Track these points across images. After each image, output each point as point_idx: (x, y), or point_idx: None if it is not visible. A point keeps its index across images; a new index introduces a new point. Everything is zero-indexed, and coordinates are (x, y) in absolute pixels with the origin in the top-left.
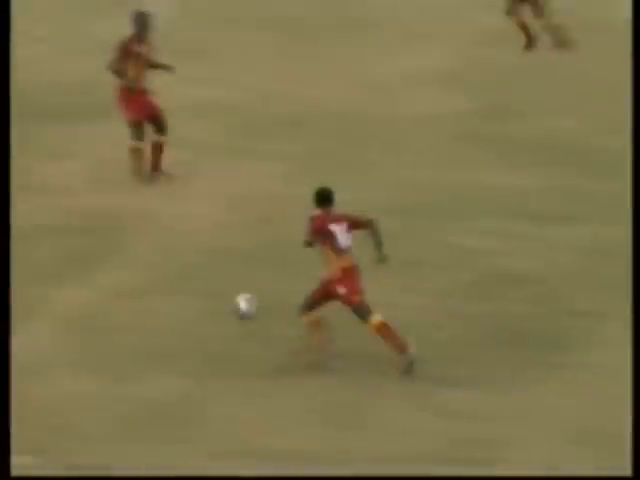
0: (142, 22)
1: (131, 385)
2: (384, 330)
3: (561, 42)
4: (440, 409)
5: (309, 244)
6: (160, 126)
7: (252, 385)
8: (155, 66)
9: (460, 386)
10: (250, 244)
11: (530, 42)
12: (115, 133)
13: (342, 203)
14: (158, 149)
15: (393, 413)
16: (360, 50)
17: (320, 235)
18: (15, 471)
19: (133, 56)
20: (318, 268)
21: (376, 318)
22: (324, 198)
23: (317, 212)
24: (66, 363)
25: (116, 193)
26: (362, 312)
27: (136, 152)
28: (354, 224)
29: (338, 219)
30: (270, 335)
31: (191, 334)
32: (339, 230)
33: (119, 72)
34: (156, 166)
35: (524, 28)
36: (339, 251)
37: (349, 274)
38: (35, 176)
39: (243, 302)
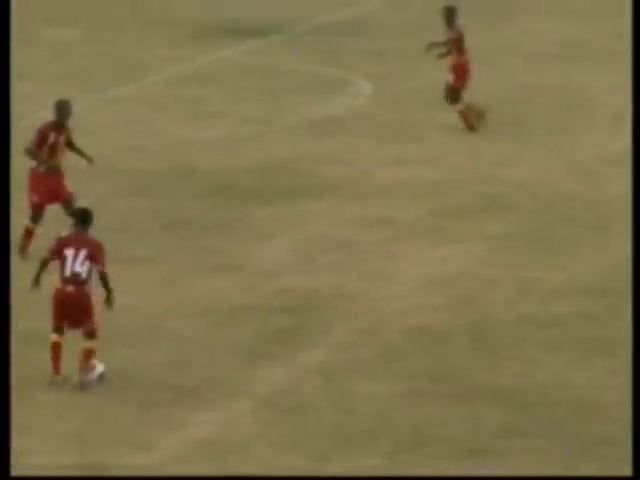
0: (62, 110)
1: (329, 464)
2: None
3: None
4: None
5: (45, 262)
6: (69, 208)
7: (449, 466)
8: (77, 153)
9: None
10: (451, 325)
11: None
12: (324, 213)
13: (541, 282)
14: None
15: None
16: (568, 132)
17: (56, 256)
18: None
19: (48, 143)
20: (518, 348)
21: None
22: (81, 219)
23: (65, 232)
24: (267, 441)
25: (321, 273)
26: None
27: (27, 233)
28: (94, 257)
29: (82, 244)
30: (471, 417)
31: (390, 415)
32: (73, 255)
33: (34, 156)
34: None
35: (465, 114)
36: (64, 278)
37: (66, 299)
38: (242, 257)
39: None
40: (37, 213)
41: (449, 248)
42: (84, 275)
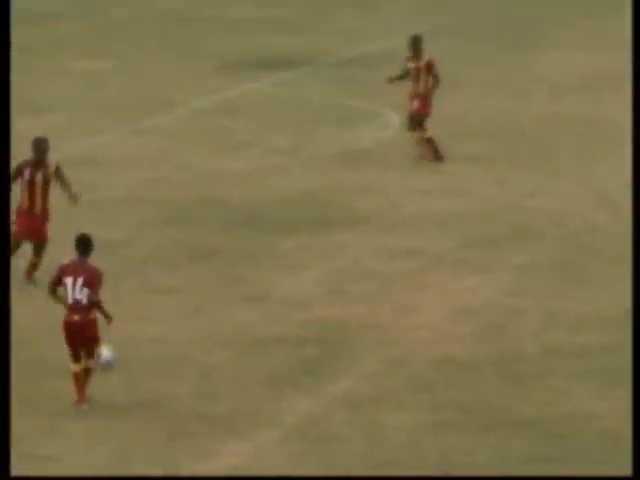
0: (38, 148)
1: None
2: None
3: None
4: None
5: (53, 290)
6: (37, 250)
7: None
8: (63, 187)
9: None
10: (477, 355)
11: (438, 155)
12: (353, 244)
13: (567, 313)
14: (32, 267)
15: None
16: (594, 162)
17: (58, 284)
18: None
19: (24, 180)
20: (544, 378)
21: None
22: (79, 245)
23: (66, 261)
24: (295, 470)
25: (348, 304)
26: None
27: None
28: (90, 284)
29: (79, 272)
30: (497, 446)
31: (418, 445)
32: (72, 283)
33: (14, 192)
34: (29, 275)
35: (430, 141)
36: (69, 306)
37: (73, 328)
38: (270, 287)
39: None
40: (15, 245)
41: (476, 278)
42: (85, 301)
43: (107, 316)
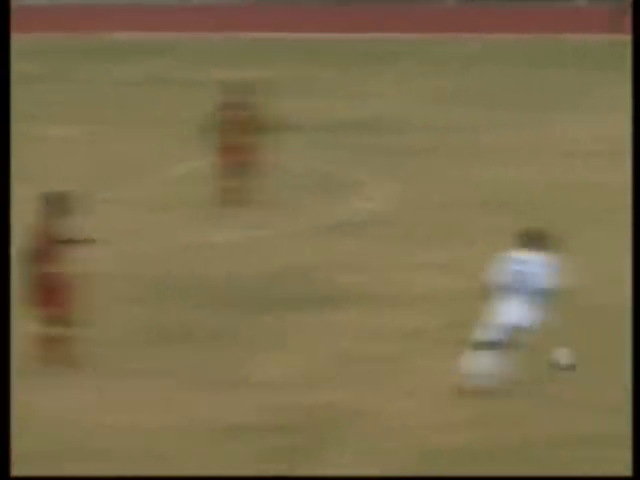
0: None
1: None
2: None
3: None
4: None
5: None
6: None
7: None
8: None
9: None
10: (474, 441)
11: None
12: (339, 324)
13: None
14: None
15: None
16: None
17: None
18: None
19: None
20: (544, 463)
21: None
22: None
23: None
24: None
25: (334, 389)
26: None
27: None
28: None
29: None
30: None
31: None
32: None
33: None
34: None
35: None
36: None
37: None
38: (249, 370)
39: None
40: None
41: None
42: None
43: None
